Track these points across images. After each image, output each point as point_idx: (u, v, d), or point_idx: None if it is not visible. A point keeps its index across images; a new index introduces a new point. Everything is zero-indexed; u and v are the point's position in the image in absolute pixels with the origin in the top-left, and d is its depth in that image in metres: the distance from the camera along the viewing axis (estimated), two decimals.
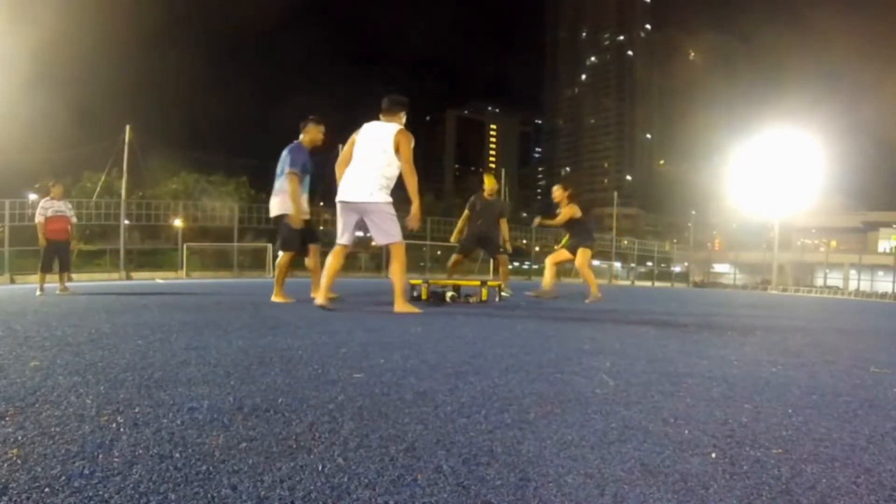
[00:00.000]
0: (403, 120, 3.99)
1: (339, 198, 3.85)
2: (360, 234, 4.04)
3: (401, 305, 3.82)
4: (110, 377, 1.48)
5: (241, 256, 19.63)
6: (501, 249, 6.66)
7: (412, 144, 3.84)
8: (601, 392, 1.46)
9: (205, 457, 0.92)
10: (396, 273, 3.90)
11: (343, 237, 3.91)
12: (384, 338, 2.39)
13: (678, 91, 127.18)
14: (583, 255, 6.41)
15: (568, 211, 6.42)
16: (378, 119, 3.97)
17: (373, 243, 4.04)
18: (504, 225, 6.67)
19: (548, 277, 6.58)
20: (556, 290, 6.63)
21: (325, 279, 3.88)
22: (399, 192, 3.87)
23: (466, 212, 6.68)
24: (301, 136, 4.83)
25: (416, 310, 3.81)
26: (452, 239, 6.96)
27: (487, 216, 6.55)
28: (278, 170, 4.73)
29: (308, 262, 4.98)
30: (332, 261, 3.91)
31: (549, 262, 6.72)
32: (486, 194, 6.59)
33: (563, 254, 6.59)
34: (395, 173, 3.84)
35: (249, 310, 3.74)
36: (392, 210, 3.86)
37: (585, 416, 1.23)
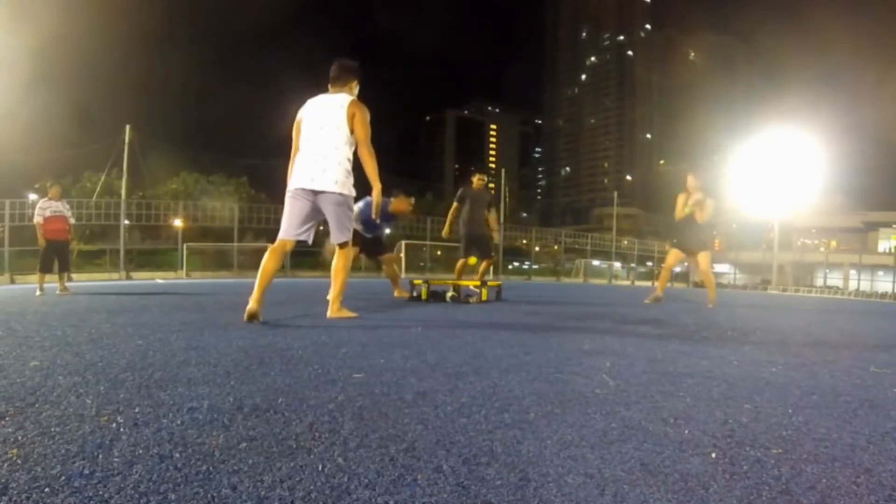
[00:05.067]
0: (356, 90, 3.43)
1: (293, 185, 3.24)
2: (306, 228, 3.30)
3: (336, 311, 3.31)
4: (110, 377, 1.48)
5: (241, 256, 19.59)
6: (493, 253, 6.69)
7: (368, 118, 3.26)
8: (601, 392, 1.46)
9: (205, 457, 0.92)
10: (339, 272, 3.35)
11: (288, 231, 3.24)
12: (384, 338, 2.39)
13: (678, 91, 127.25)
14: (706, 258, 6.18)
15: (712, 204, 6.14)
16: (327, 91, 3.38)
17: (330, 241, 3.37)
18: (492, 215, 6.62)
19: (711, 285, 6.45)
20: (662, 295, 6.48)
21: (260, 282, 3.12)
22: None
23: (456, 204, 6.56)
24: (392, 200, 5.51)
25: (352, 314, 3.34)
26: (444, 233, 6.89)
27: (478, 209, 6.49)
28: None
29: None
30: (269, 259, 3.21)
31: (670, 266, 6.54)
32: (474, 187, 6.55)
33: (678, 254, 6.37)
34: (352, 153, 3.29)
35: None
36: (353, 205, 3.36)
37: (585, 416, 1.23)
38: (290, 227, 3.24)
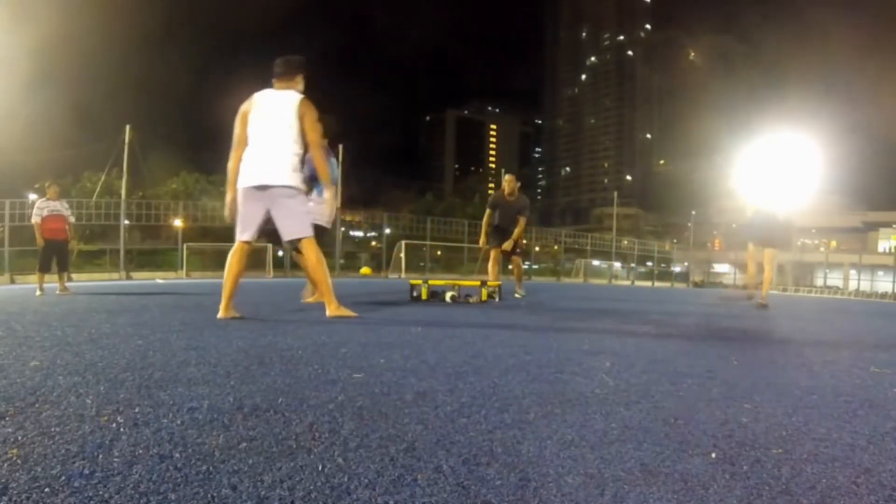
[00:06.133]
0: (301, 85, 3.39)
1: (242, 184, 3.23)
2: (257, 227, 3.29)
3: (334, 309, 3.28)
4: (110, 377, 1.48)
5: None
6: (518, 250, 6.65)
7: (316, 116, 3.26)
8: (601, 392, 1.46)
9: (205, 457, 0.92)
10: (316, 271, 3.31)
11: (245, 233, 3.25)
12: (384, 338, 2.39)
13: (678, 91, 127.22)
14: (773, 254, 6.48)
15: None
16: (272, 86, 3.35)
17: (284, 240, 3.33)
18: (521, 223, 6.58)
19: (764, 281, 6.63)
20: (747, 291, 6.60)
21: (227, 286, 3.18)
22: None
23: (488, 210, 6.68)
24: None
25: (351, 313, 3.31)
26: (480, 243, 6.94)
27: (508, 215, 6.54)
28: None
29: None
30: (233, 262, 3.24)
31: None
32: (506, 194, 6.56)
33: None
34: (302, 151, 3.28)
35: (250, 310, 3.73)
36: (305, 199, 3.32)
37: (585, 416, 1.23)
38: (245, 228, 3.25)
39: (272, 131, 3.21)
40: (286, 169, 3.18)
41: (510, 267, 7.23)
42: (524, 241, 7.19)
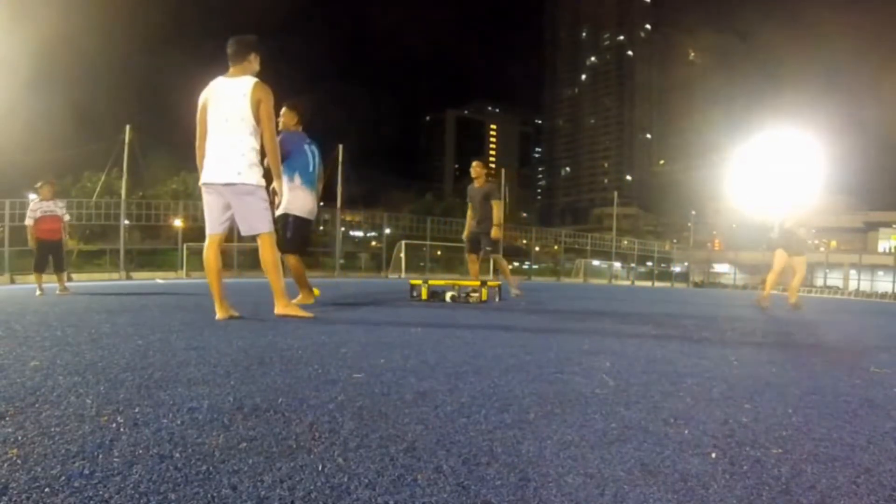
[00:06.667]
0: (256, 64, 3.24)
1: (202, 180, 3.21)
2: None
3: (283, 307, 3.23)
4: (110, 377, 1.48)
5: (241, 256, 19.57)
6: (489, 248, 6.37)
7: (272, 101, 3.14)
8: (601, 392, 1.46)
9: (205, 457, 0.92)
10: (270, 268, 3.24)
11: (212, 226, 3.25)
12: (384, 338, 2.39)
13: (678, 91, 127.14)
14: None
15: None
16: (229, 70, 3.22)
17: (243, 234, 3.32)
18: (496, 207, 6.29)
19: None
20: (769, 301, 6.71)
21: (213, 284, 3.17)
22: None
23: (469, 204, 6.67)
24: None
25: (303, 313, 3.23)
26: (464, 237, 6.77)
27: (479, 206, 6.41)
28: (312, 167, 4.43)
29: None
30: (210, 258, 3.22)
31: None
32: (474, 182, 6.56)
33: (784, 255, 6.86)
34: (259, 142, 3.19)
35: (249, 310, 3.74)
36: (264, 195, 3.22)
37: (585, 416, 1.23)
38: (211, 222, 3.26)
39: (227, 126, 3.11)
40: (243, 166, 3.10)
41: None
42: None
